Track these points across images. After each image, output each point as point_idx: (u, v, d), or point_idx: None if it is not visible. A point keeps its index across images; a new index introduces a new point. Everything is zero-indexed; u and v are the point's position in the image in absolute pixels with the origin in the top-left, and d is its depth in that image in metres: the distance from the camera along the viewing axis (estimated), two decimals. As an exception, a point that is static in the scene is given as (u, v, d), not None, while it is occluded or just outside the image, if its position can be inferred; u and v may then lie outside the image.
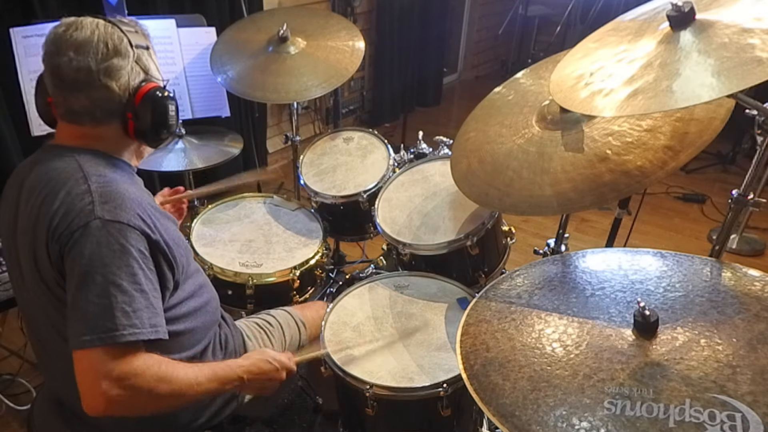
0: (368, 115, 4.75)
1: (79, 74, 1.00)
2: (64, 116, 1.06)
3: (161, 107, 1.09)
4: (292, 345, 1.47)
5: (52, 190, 1.00)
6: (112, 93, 1.04)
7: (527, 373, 0.91)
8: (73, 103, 1.03)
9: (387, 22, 4.36)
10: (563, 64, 1.23)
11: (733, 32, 0.92)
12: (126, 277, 0.95)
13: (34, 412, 1.26)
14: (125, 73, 1.05)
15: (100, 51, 1.01)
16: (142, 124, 1.08)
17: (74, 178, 1.01)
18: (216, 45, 2.10)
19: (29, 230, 1.02)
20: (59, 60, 1.00)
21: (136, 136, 1.10)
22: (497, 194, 1.31)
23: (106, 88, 1.03)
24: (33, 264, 1.03)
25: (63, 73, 1.00)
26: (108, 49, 1.02)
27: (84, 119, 1.05)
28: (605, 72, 1.07)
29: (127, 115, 1.07)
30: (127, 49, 1.04)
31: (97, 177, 1.02)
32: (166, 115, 1.10)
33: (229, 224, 1.86)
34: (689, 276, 1.04)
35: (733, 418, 0.77)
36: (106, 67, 1.02)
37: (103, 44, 1.01)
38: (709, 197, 3.53)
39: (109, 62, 1.02)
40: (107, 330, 0.92)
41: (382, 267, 1.90)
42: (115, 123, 1.08)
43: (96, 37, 1.01)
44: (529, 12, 5.55)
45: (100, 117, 1.05)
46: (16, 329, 1.89)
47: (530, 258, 1.51)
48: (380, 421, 1.33)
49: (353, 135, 2.13)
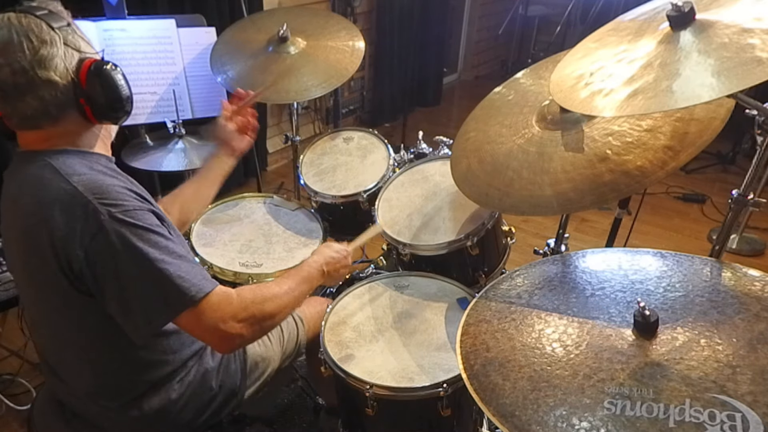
0: (368, 115, 4.75)
1: (16, 77, 0.94)
2: (21, 125, 1.01)
3: (109, 79, 1.03)
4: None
5: (41, 200, 0.97)
6: (56, 84, 0.98)
7: (527, 373, 0.91)
8: (24, 109, 0.98)
9: (387, 22, 4.36)
10: (563, 64, 1.23)
11: (733, 32, 0.92)
12: (161, 251, 0.97)
13: (34, 412, 1.26)
14: (59, 59, 0.98)
15: (26, 47, 0.94)
16: (98, 103, 1.03)
17: (56, 183, 0.98)
18: (216, 45, 2.10)
19: (20, 240, 1.01)
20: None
21: (96, 118, 1.05)
22: (497, 194, 1.31)
23: (48, 81, 0.97)
24: (30, 272, 1.02)
25: (1, 83, 0.95)
26: (32, 42, 0.95)
27: (41, 122, 1.00)
28: (605, 72, 1.07)
29: (80, 101, 1.01)
30: (50, 34, 0.97)
31: (78, 177, 0.99)
32: (116, 85, 1.04)
33: (229, 224, 1.86)
34: (689, 276, 1.04)
35: (733, 418, 0.77)
36: (38, 60, 0.95)
37: (25, 39, 0.94)
38: (709, 197, 3.53)
39: (39, 54, 0.95)
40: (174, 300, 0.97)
41: (382, 267, 1.90)
42: (72, 113, 1.02)
43: (14, 33, 0.94)
44: (529, 12, 5.56)
45: (55, 113, 1.00)
46: (16, 329, 1.89)
47: (530, 258, 1.51)
48: (380, 421, 1.33)
49: (353, 135, 2.13)
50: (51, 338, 1.11)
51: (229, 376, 1.28)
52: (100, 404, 1.13)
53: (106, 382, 1.11)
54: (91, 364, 1.10)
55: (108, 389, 1.12)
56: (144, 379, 1.13)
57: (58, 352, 1.12)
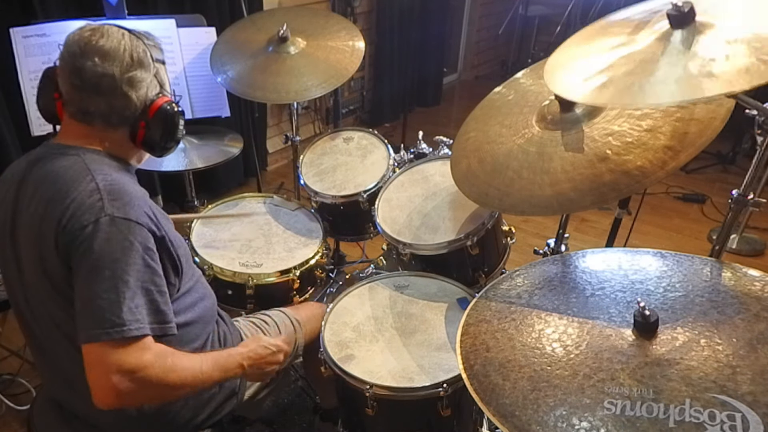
0: (368, 115, 4.75)
1: (102, 80, 1.03)
2: (75, 114, 1.07)
3: (172, 122, 1.14)
4: (289, 344, 1.47)
5: (60, 189, 1.01)
6: (131, 102, 1.08)
7: (527, 373, 0.91)
8: (90, 105, 1.05)
9: (387, 22, 4.36)
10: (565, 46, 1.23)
11: (721, 42, 0.92)
12: (134, 274, 0.97)
13: (34, 412, 1.26)
14: (145, 86, 1.09)
15: (125, 61, 1.05)
16: (152, 135, 1.12)
17: (82, 176, 1.02)
18: (216, 45, 2.10)
19: (35, 228, 1.02)
20: (83, 62, 1.02)
21: (143, 145, 1.14)
22: (497, 194, 1.31)
23: (126, 96, 1.07)
24: (39, 262, 1.03)
25: (85, 76, 1.03)
26: (133, 60, 1.06)
27: (96, 121, 1.07)
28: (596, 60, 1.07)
29: (140, 124, 1.11)
30: (149, 63, 1.10)
31: (104, 175, 1.03)
32: (176, 129, 1.15)
33: (229, 224, 1.86)
34: (689, 276, 1.04)
35: (733, 418, 0.77)
36: (130, 77, 1.06)
37: (128, 55, 1.05)
38: (709, 197, 3.53)
39: (133, 73, 1.06)
40: (114, 325, 0.94)
41: (382, 267, 1.90)
42: (125, 129, 1.11)
43: (122, 47, 1.05)
44: (529, 12, 5.55)
45: (114, 122, 1.08)
46: (16, 329, 1.88)
47: (530, 258, 1.51)
48: (380, 421, 1.33)
49: (353, 135, 2.13)
50: (49, 337, 1.11)
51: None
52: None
53: None
54: None
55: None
56: None
57: (57, 351, 1.11)
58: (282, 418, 1.98)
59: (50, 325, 1.08)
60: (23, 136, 2.20)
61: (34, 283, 1.06)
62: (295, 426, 1.96)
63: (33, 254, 1.03)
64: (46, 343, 1.13)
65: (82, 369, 1.09)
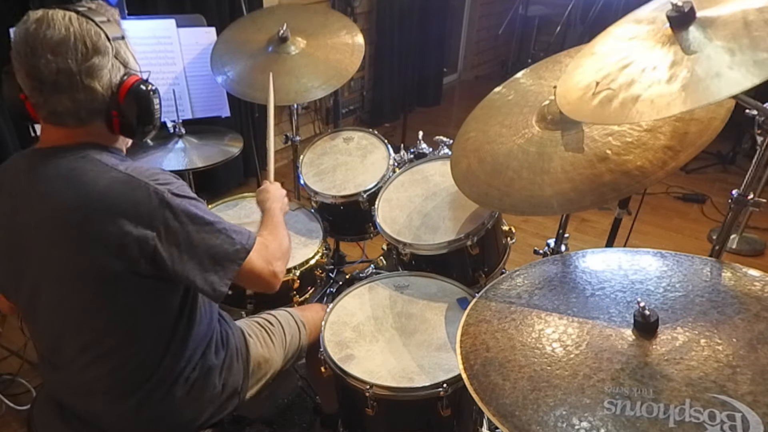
0: (368, 115, 4.75)
1: (59, 76, 0.96)
2: (48, 118, 1.02)
3: (146, 102, 1.06)
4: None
5: (91, 192, 0.98)
6: (96, 93, 1.00)
7: (527, 373, 0.91)
8: (56, 105, 0.99)
9: (387, 22, 4.36)
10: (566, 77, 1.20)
11: (737, 27, 0.91)
12: (212, 215, 1.10)
13: (34, 412, 1.26)
14: (107, 71, 1.01)
15: (80, 51, 0.96)
16: (128, 120, 1.06)
17: (105, 173, 1.01)
18: (216, 44, 2.10)
19: (65, 238, 1.00)
20: (36, 62, 0.95)
21: (121, 132, 1.08)
22: (497, 194, 1.31)
23: (89, 88, 0.99)
24: (77, 271, 1.01)
25: (42, 76, 0.96)
26: (87, 48, 0.97)
27: (68, 120, 1.02)
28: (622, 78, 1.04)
29: (112, 113, 1.04)
30: (105, 45, 0.99)
31: (124, 165, 1.04)
32: (150, 109, 1.08)
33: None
34: (689, 276, 1.04)
35: (733, 418, 0.77)
36: (88, 67, 0.97)
37: (81, 43, 0.96)
38: (709, 197, 3.53)
39: (90, 62, 0.98)
40: (238, 247, 1.11)
41: (382, 267, 1.90)
42: (100, 121, 1.05)
43: (72, 35, 0.96)
44: (529, 12, 5.56)
45: (84, 117, 1.02)
46: (16, 329, 1.89)
47: (530, 258, 1.51)
48: (380, 421, 1.33)
49: (353, 135, 2.13)
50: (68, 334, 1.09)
51: (231, 375, 1.28)
52: (107, 402, 1.13)
53: (120, 379, 1.11)
54: (109, 359, 1.09)
55: (120, 386, 1.12)
56: (156, 375, 1.13)
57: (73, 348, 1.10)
58: (282, 418, 1.98)
59: (75, 329, 1.08)
60: (23, 136, 2.21)
61: (63, 293, 1.05)
62: (295, 426, 1.96)
63: (64, 264, 1.01)
64: (64, 346, 1.11)
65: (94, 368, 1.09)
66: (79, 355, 1.09)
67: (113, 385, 1.11)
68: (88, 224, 0.98)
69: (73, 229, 0.99)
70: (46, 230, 1.01)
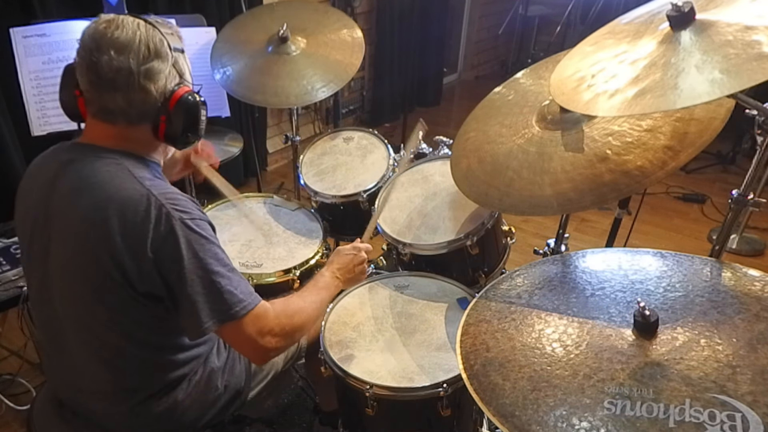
0: (368, 115, 4.75)
1: (118, 74, 1.00)
2: (97, 114, 1.05)
3: (194, 112, 1.10)
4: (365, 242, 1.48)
5: (111, 197, 1.00)
6: (150, 96, 1.04)
7: (527, 373, 0.91)
8: (108, 102, 1.02)
9: (387, 22, 4.36)
10: (562, 67, 1.23)
11: (736, 30, 0.92)
12: (218, 263, 1.03)
13: (34, 412, 1.26)
14: (163, 77, 1.05)
15: (141, 53, 1.01)
16: (174, 128, 1.09)
17: (131, 185, 1.01)
18: (216, 43, 2.10)
19: (81, 234, 1.01)
20: (99, 57, 0.99)
21: (165, 138, 1.11)
22: (497, 194, 1.31)
23: (145, 90, 1.03)
24: (81, 268, 1.02)
25: (101, 71, 0.99)
26: (149, 51, 1.02)
27: (118, 119, 1.05)
28: (608, 73, 1.06)
29: (161, 118, 1.07)
30: (166, 52, 1.05)
31: (151, 182, 1.03)
32: (197, 119, 1.12)
33: (229, 224, 1.86)
34: (689, 276, 1.04)
35: (733, 418, 0.77)
36: (147, 69, 1.02)
37: (144, 46, 1.01)
38: (709, 197, 3.53)
39: (150, 65, 1.02)
40: (236, 304, 1.04)
41: (382, 267, 1.90)
42: (147, 125, 1.08)
43: (138, 38, 1.01)
44: (529, 12, 5.56)
45: (134, 118, 1.05)
46: (16, 329, 1.89)
47: (530, 258, 1.51)
48: (380, 421, 1.33)
49: (353, 135, 2.13)
50: (76, 336, 1.10)
51: (234, 377, 1.28)
52: (111, 404, 1.13)
53: (124, 382, 1.12)
54: (113, 363, 1.10)
55: (124, 389, 1.12)
56: (160, 378, 1.14)
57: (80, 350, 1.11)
58: (282, 418, 1.98)
59: (78, 326, 1.08)
60: (23, 136, 2.20)
61: (69, 286, 1.05)
62: (295, 426, 1.96)
63: (73, 259, 1.02)
64: (68, 343, 1.12)
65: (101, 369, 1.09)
66: (79, 353, 1.10)
67: (115, 385, 1.12)
68: (98, 228, 0.99)
69: (86, 229, 1.00)
70: (67, 223, 1.03)
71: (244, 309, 1.05)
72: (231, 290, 1.04)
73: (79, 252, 1.02)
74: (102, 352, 1.09)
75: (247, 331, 1.06)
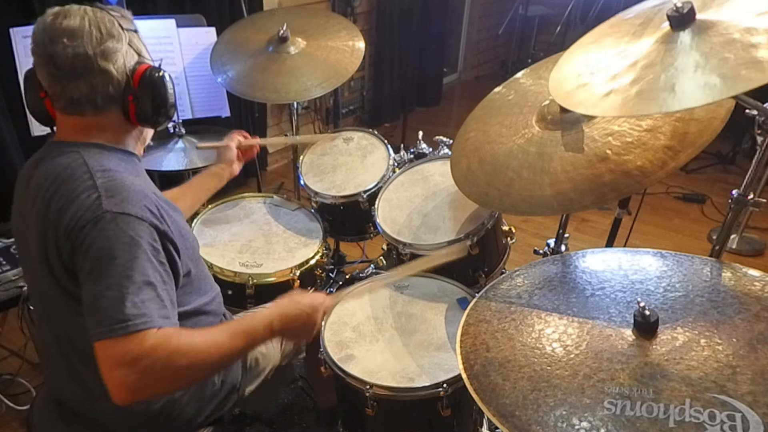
0: (368, 115, 4.75)
1: (76, 60, 0.99)
2: (65, 108, 1.05)
3: (160, 87, 1.09)
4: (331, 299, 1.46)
5: (59, 188, 1.00)
6: (111, 76, 1.03)
7: (527, 373, 0.91)
8: (73, 92, 1.02)
9: (387, 22, 4.36)
10: (562, 64, 1.23)
11: (736, 31, 0.91)
12: (138, 269, 0.93)
13: (34, 412, 1.26)
14: (121, 56, 1.04)
15: (94, 36, 1.00)
16: (143, 106, 1.07)
17: (79, 174, 1.00)
18: (216, 45, 2.10)
19: (38, 227, 1.02)
20: (53, 49, 0.99)
21: (138, 119, 1.09)
22: (497, 194, 1.31)
23: (105, 72, 1.02)
24: (44, 261, 1.02)
25: (59, 62, 0.99)
26: (101, 33, 1.01)
27: (85, 108, 1.04)
28: (606, 72, 1.07)
29: (128, 99, 1.06)
30: (119, 32, 1.04)
31: (102, 172, 1.01)
32: (165, 94, 1.10)
33: (229, 224, 1.86)
34: (689, 276, 1.04)
35: (733, 418, 0.77)
36: (102, 50, 1.01)
37: (95, 28, 1.01)
38: (709, 197, 3.53)
39: (105, 45, 1.01)
40: (117, 321, 0.89)
41: (382, 267, 1.90)
42: (116, 109, 1.07)
43: (87, 22, 1.01)
44: (529, 12, 5.56)
45: (101, 104, 1.04)
46: (16, 329, 1.89)
47: (530, 258, 1.51)
48: (380, 421, 1.33)
49: (353, 135, 2.13)
50: (53, 334, 1.11)
51: (230, 372, 1.28)
52: (106, 401, 1.12)
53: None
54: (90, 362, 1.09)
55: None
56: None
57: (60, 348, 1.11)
58: (282, 418, 1.98)
59: (56, 322, 1.08)
60: (23, 136, 2.21)
61: (41, 282, 1.06)
62: (295, 426, 1.96)
63: (39, 254, 1.03)
64: (51, 338, 1.13)
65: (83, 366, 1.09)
66: (64, 357, 1.10)
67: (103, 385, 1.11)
68: (45, 222, 1.00)
69: (39, 224, 1.01)
70: (32, 222, 1.04)
71: (142, 325, 0.90)
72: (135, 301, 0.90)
73: (37, 250, 1.03)
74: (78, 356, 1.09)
75: (113, 351, 0.89)
